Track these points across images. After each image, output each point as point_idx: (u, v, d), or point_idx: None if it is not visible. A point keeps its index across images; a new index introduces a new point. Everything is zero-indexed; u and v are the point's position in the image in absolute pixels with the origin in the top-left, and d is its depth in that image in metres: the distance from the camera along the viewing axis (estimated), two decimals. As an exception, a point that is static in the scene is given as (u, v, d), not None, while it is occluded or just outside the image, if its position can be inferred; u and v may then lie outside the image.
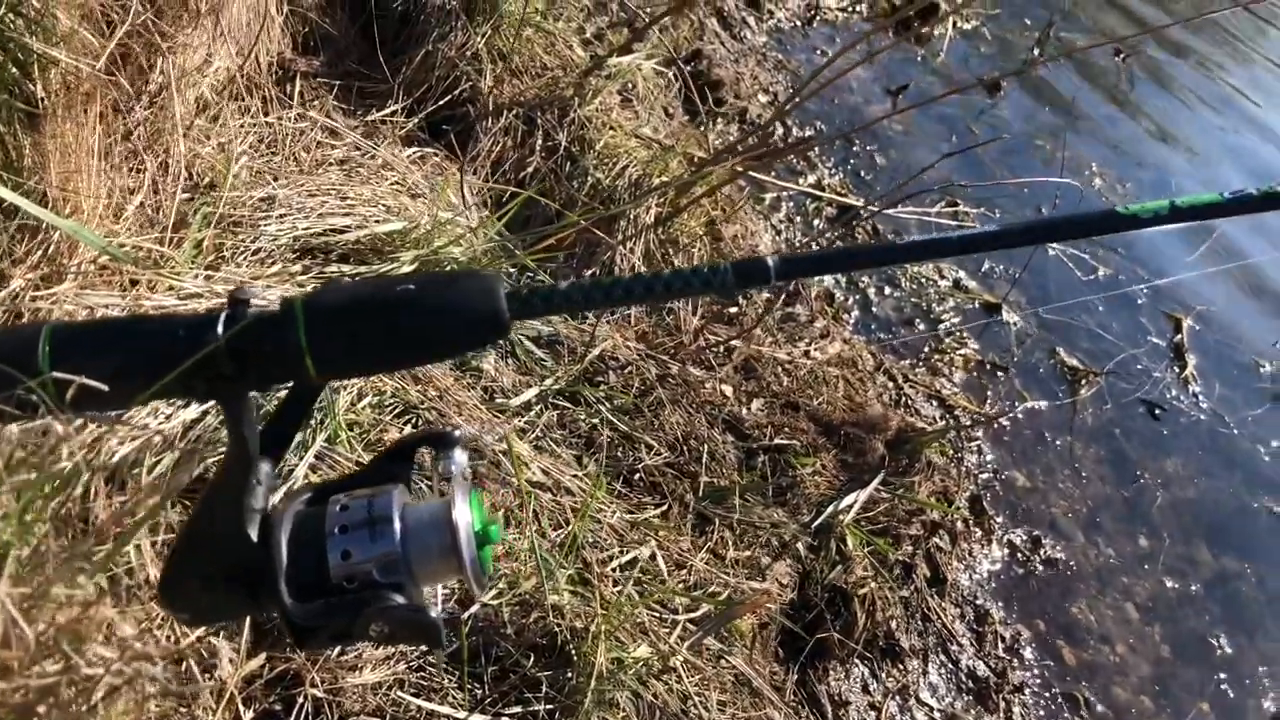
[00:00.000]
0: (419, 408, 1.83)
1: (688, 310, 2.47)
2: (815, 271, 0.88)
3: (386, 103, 2.41)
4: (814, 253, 0.83)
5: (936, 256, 1.40)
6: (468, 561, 0.97)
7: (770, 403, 2.45)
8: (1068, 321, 3.53)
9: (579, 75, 2.52)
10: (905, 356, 3.16)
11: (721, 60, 3.91)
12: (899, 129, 4.24)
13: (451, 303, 0.86)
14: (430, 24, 2.44)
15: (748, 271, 0.87)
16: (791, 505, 2.22)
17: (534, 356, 2.15)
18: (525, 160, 2.44)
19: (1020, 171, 4.17)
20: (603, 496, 1.96)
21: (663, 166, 2.48)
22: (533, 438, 2.01)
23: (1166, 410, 3.35)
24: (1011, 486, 2.91)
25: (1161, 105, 5.22)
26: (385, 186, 2.04)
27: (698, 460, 2.17)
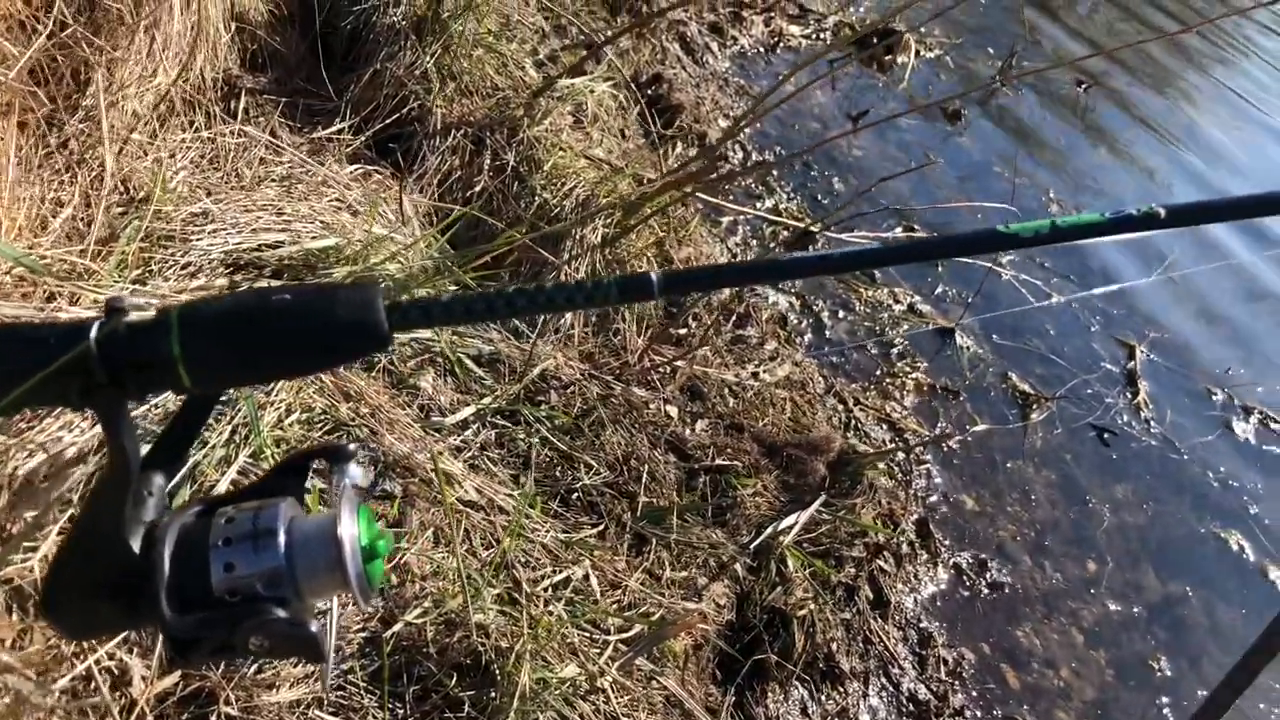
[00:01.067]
0: (349, 424, 1.83)
1: (632, 330, 2.47)
2: (698, 288, 0.89)
3: (334, 120, 2.41)
4: (698, 269, 0.84)
5: (821, 272, 1.40)
6: (353, 576, 0.96)
7: (715, 424, 2.46)
8: (1021, 346, 3.56)
9: (529, 96, 2.53)
10: (857, 379, 3.17)
11: (682, 85, 3.93)
12: (858, 154, 4.28)
13: (328, 314, 0.85)
14: (379, 43, 2.45)
15: (632, 286, 0.87)
16: (731, 526, 2.22)
17: (473, 375, 2.14)
18: (473, 179, 2.45)
19: (977, 196, 4.22)
20: (536, 515, 1.95)
21: (610, 188, 2.49)
22: (468, 456, 2.01)
23: (1117, 435, 3.37)
24: (960, 509, 2.92)
25: (1119, 132, 5.30)
26: (324, 203, 2.04)
27: (637, 480, 2.16)
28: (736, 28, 4.57)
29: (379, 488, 1.82)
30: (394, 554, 1.74)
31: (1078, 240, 0.91)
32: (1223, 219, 0.91)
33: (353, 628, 1.65)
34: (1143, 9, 6.97)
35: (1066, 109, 5.35)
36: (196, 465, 1.59)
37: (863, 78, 4.89)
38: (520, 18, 2.83)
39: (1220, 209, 0.92)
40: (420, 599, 1.70)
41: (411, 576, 1.74)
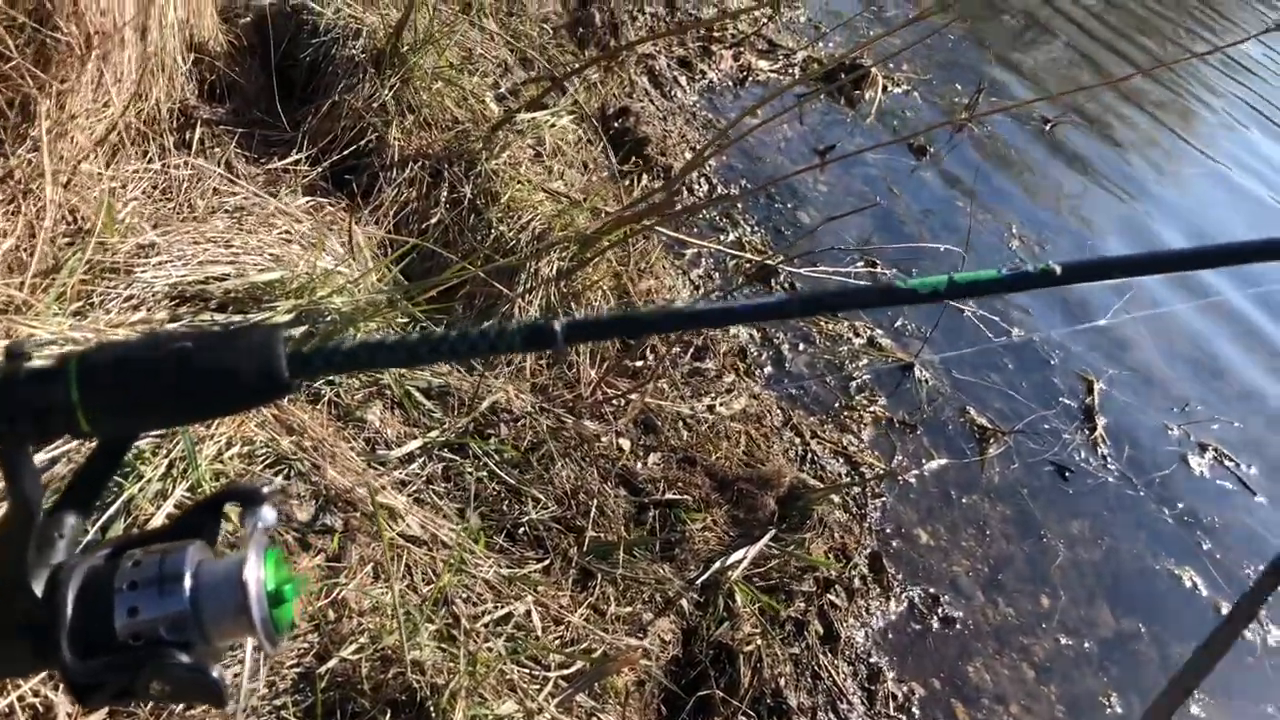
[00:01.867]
0: (291, 458, 1.82)
1: (586, 362, 2.48)
2: (600, 336, 0.90)
3: (290, 151, 2.42)
4: (600, 318, 0.85)
5: (724, 323, 1.42)
6: (258, 620, 0.96)
7: (668, 457, 2.46)
8: (980, 381, 3.59)
9: (488, 129, 2.55)
10: (815, 412, 3.19)
11: (649, 118, 3.97)
12: (824, 189, 4.32)
13: (227, 360, 0.86)
14: (338, 75, 2.46)
15: (535, 335, 0.88)
16: (679, 561, 2.22)
17: (423, 407, 2.15)
18: (429, 211, 2.46)
19: (940, 231, 4.27)
20: (480, 550, 1.95)
21: (567, 221, 2.50)
22: (413, 490, 2.01)
23: (1074, 471, 3.40)
24: (914, 544, 2.93)
25: (1084, 170, 5.37)
26: (274, 235, 2.05)
27: (585, 515, 2.17)
28: (705, 62, 4.62)
29: (319, 522, 1.82)
30: (331, 589, 1.73)
31: (975, 297, 0.93)
32: (1117, 276, 0.94)
33: (286, 663, 1.64)
34: (1103, 54, 7.09)
35: (1033, 146, 5.42)
36: (131, 499, 1.58)
37: (831, 113, 4.94)
38: (483, 51, 2.86)
39: (1115, 266, 0.94)
40: (357, 634, 1.70)
41: (349, 611, 1.74)
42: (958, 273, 0.94)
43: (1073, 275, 0.93)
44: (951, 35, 6.16)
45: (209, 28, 2.42)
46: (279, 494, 1.66)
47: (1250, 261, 0.95)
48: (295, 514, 1.81)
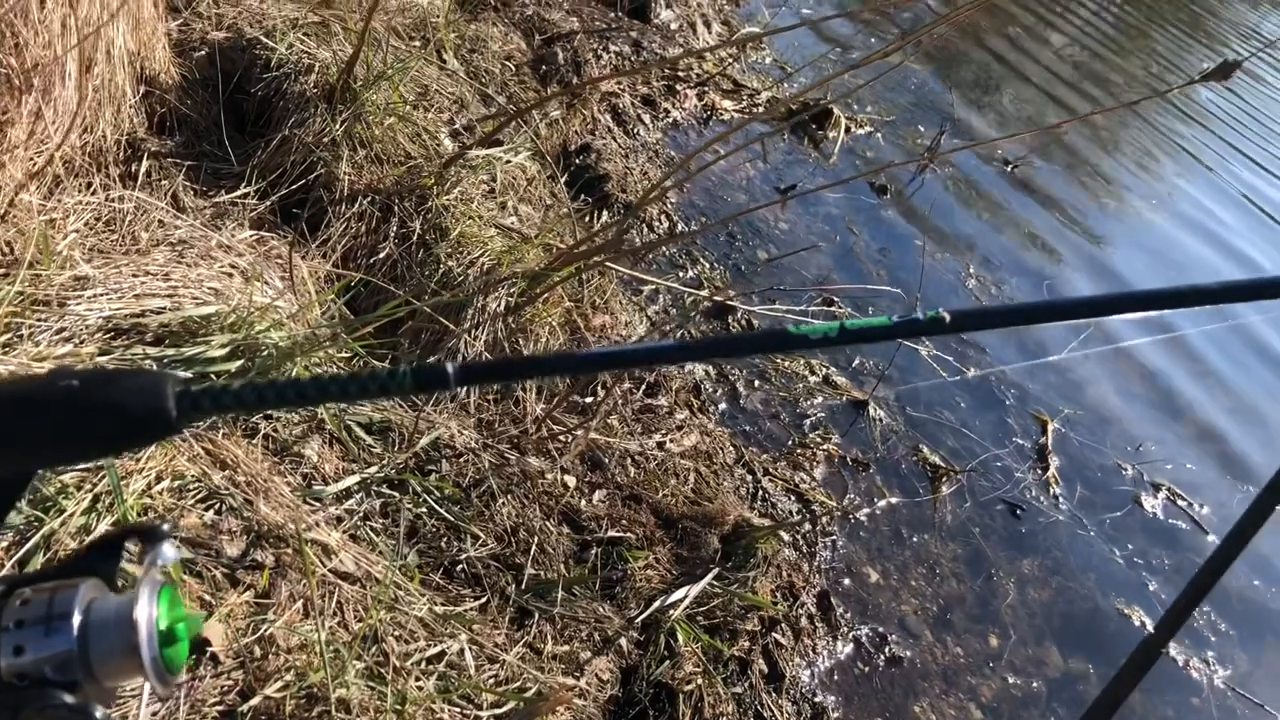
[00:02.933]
0: (222, 493, 1.81)
1: (532, 398, 2.48)
2: (495, 379, 0.91)
3: (239, 185, 2.42)
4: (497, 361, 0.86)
5: (615, 367, 1.43)
6: (147, 660, 0.95)
7: (613, 494, 2.46)
8: (934, 419, 3.61)
9: (440, 165, 2.56)
10: (768, 450, 3.20)
11: (611, 155, 4.00)
12: (784, 227, 4.35)
13: (112, 401, 0.86)
14: (289, 110, 2.47)
15: (427, 377, 0.89)
16: (620, 599, 2.22)
17: (363, 443, 2.14)
18: (378, 246, 2.46)
19: (898, 270, 4.31)
20: (414, 588, 1.94)
21: (516, 257, 2.51)
22: (349, 526, 2.00)
23: (1025, 510, 3.41)
24: (864, 582, 2.93)
25: (1044, 210, 5.44)
26: (215, 269, 2.05)
27: (525, 552, 2.16)
28: (670, 101, 4.66)
29: (249, 558, 1.81)
30: (258, 625, 1.72)
31: (865, 343, 0.94)
32: (1005, 324, 0.95)
33: (209, 701, 1.62)
34: (1073, 98, 7.22)
35: (995, 187, 5.50)
36: (52, 534, 1.57)
37: (794, 154, 5.00)
38: (438, 88, 2.87)
39: (1004, 314, 0.96)
40: (282, 671, 1.68)
41: (276, 648, 1.72)
42: (849, 320, 0.95)
43: (961, 323, 0.95)
44: (915, 79, 6.26)
45: (160, 60, 2.42)
46: (180, 531, 1.64)
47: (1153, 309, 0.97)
48: (225, 549, 1.79)
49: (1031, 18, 8.81)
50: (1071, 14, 9.59)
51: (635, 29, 5.00)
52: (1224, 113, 8.23)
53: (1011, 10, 8.71)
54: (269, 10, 2.74)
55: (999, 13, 8.49)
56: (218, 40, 2.67)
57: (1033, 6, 9.13)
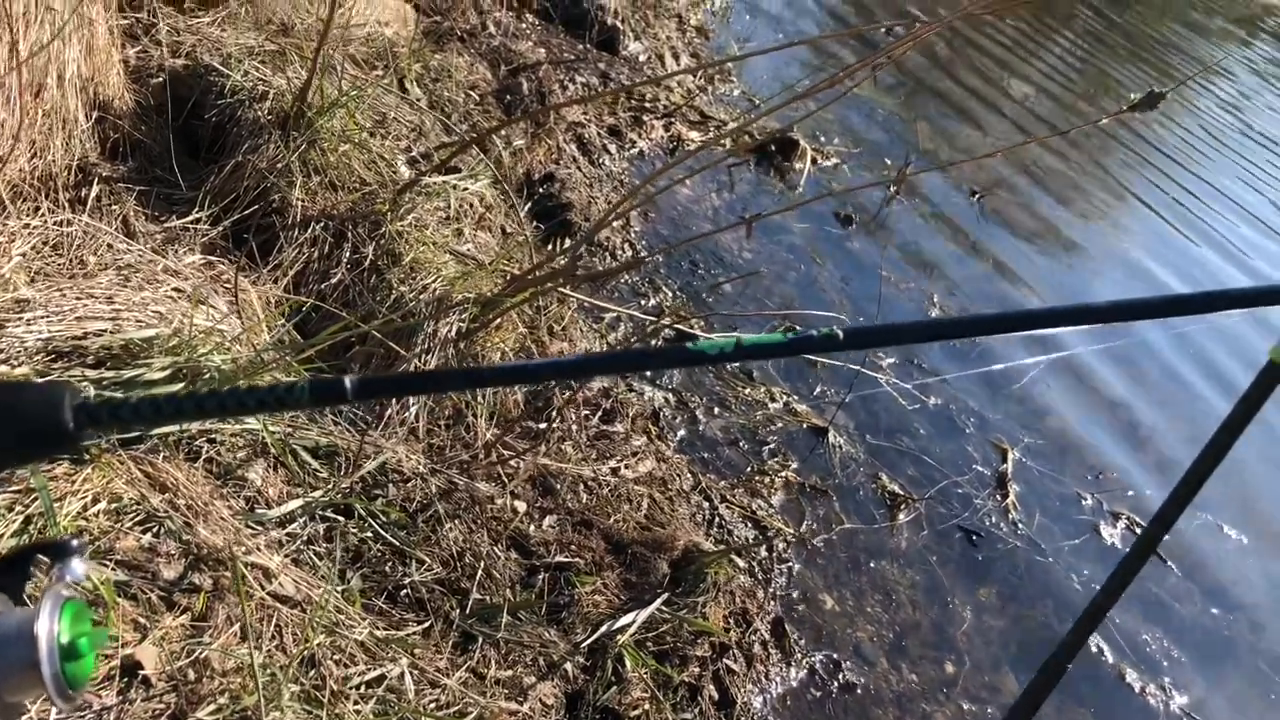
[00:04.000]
0: (160, 515, 1.81)
1: (482, 423, 2.49)
2: (394, 393, 0.92)
3: (191, 210, 2.43)
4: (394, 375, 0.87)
5: (519, 382, 1.45)
6: (47, 676, 0.95)
7: (564, 520, 2.46)
8: (894, 446, 3.63)
9: (394, 191, 2.58)
10: (726, 476, 3.20)
11: (575, 184, 4.03)
12: (748, 256, 4.39)
13: (8, 414, 0.86)
14: (243, 135, 2.49)
15: (324, 390, 0.89)
16: (566, 624, 2.21)
17: (308, 467, 2.14)
18: (330, 271, 2.47)
19: (859, 298, 4.35)
20: (355, 611, 1.93)
21: (469, 283, 2.53)
22: (292, 550, 1.99)
23: (984, 537, 3.43)
24: (819, 609, 2.93)
25: (1007, 239, 5.51)
26: (161, 293, 2.05)
27: (471, 577, 2.16)
28: (636, 131, 4.71)
29: (187, 580, 1.80)
30: (193, 649, 1.71)
31: (761, 359, 0.96)
32: (897, 342, 0.97)
33: (138, 726, 1.61)
34: (1037, 127, 7.32)
35: (960, 217, 5.56)
36: (-19, 555, 1.55)
37: (761, 184, 5.05)
38: (396, 116, 2.90)
39: (896, 331, 0.98)
40: (216, 695, 1.67)
41: (210, 672, 1.71)
42: (746, 336, 0.97)
43: (855, 340, 0.97)
44: (882, 112, 6.34)
45: (114, 86, 2.44)
46: (89, 547, 1.63)
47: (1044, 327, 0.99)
48: (162, 572, 1.79)
49: (1002, 50, 8.95)
50: (1045, 50, 9.75)
51: (603, 61, 5.06)
52: (1201, 142, 8.37)
53: (982, 45, 8.85)
54: (227, 38, 2.76)
55: (969, 47, 8.64)
56: (175, 67, 2.69)
57: (1003, 42, 9.27)
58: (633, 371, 1.92)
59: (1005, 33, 9.61)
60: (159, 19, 2.88)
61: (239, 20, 2.93)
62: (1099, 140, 7.60)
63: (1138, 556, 1.23)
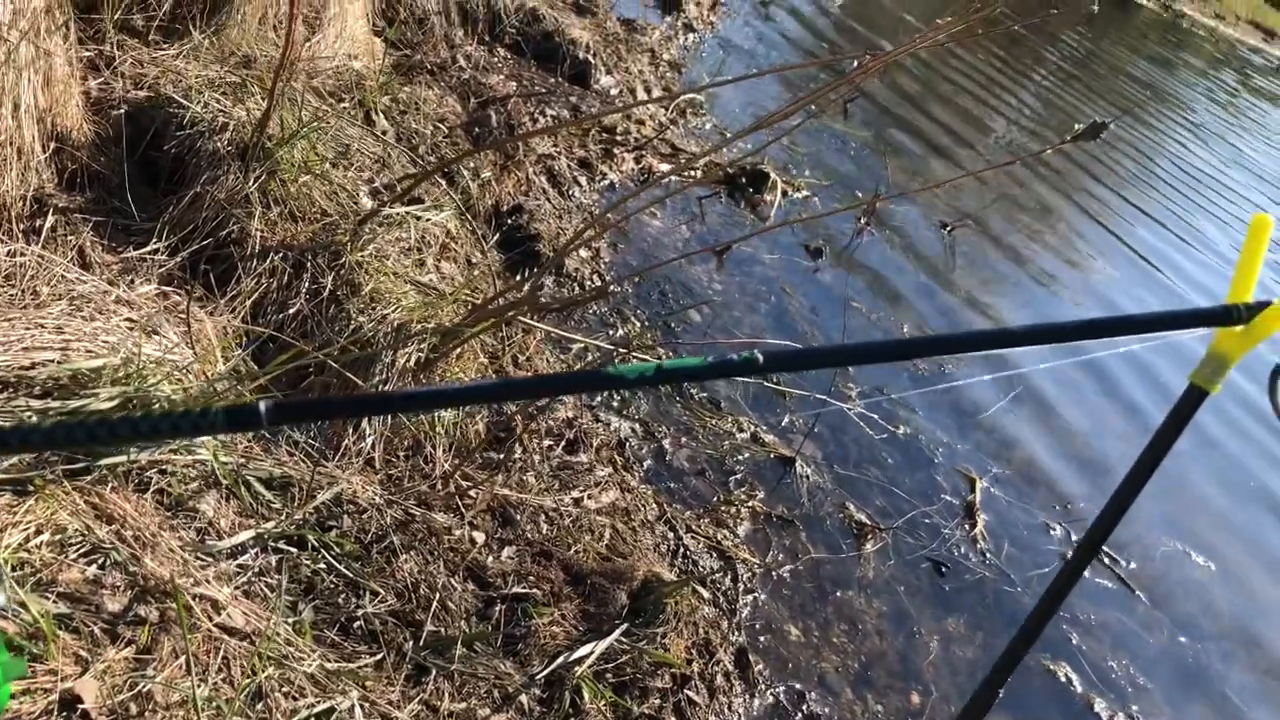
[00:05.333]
0: (106, 547, 1.79)
1: (440, 454, 2.48)
2: (310, 417, 0.91)
3: (150, 241, 2.43)
4: (310, 400, 0.86)
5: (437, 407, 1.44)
6: (-43, 705, 0.94)
7: (523, 550, 2.45)
8: (861, 477, 3.63)
9: (355, 222, 2.58)
10: (693, 507, 3.19)
11: (544, 215, 4.04)
12: (718, 287, 4.41)
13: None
14: (202, 166, 2.49)
15: (239, 415, 0.89)
16: (523, 656, 2.19)
17: (262, 498, 2.12)
18: (288, 302, 2.47)
19: (828, 328, 4.37)
20: (305, 644, 1.91)
21: (429, 313, 2.53)
22: (243, 582, 1.97)
23: (951, 567, 3.43)
24: (784, 639, 2.92)
25: (975, 271, 5.55)
26: (113, 323, 2.04)
27: (426, 609, 2.14)
28: (607, 164, 4.73)
29: (132, 613, 1.78)
30: (136, 682, 1.68)
31: (681, 382, 0.96)
32: (816, 366, 0.98)
33: (76, 761, 1.58)
34: (1017, 168, 7.41)
35: (931, 249, 5.60)
36: (-84, 587, 1.53)
37: (732, 215, 5.08)
38: (360, 147, 2.91)
39: (815, 356, 0.98)
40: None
41: (153, 705, 1.68)
42: (666, 360, 0.97)
43: (774, 365, 0.97)
44: (854, 145, 6.41)
45: (73, 118, 2.44)
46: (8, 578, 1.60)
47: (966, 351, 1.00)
48: (106, 605, 1.76)
49: (975, 86, 9.07)
50: (1019, 87, 9.89)
51: (575, 94, 5.10)
52: (1178, 171, 8.48)
53: (956, 80, 8.97)
54: (189, 70, 2.77)
55: (943, 82, 8.75)
56: (137, 98, 2.70)
57: (976, 79, 9.40)
58: (557, 395, 1.92)
59: (980, 69, 9.75)
60: (123, 51, 2.89)
61: (203, 52, 2.94)
62: (1073, 173, 7.69)
63: (1067, 579, 1.23)
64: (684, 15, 6.98)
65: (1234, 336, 1.02)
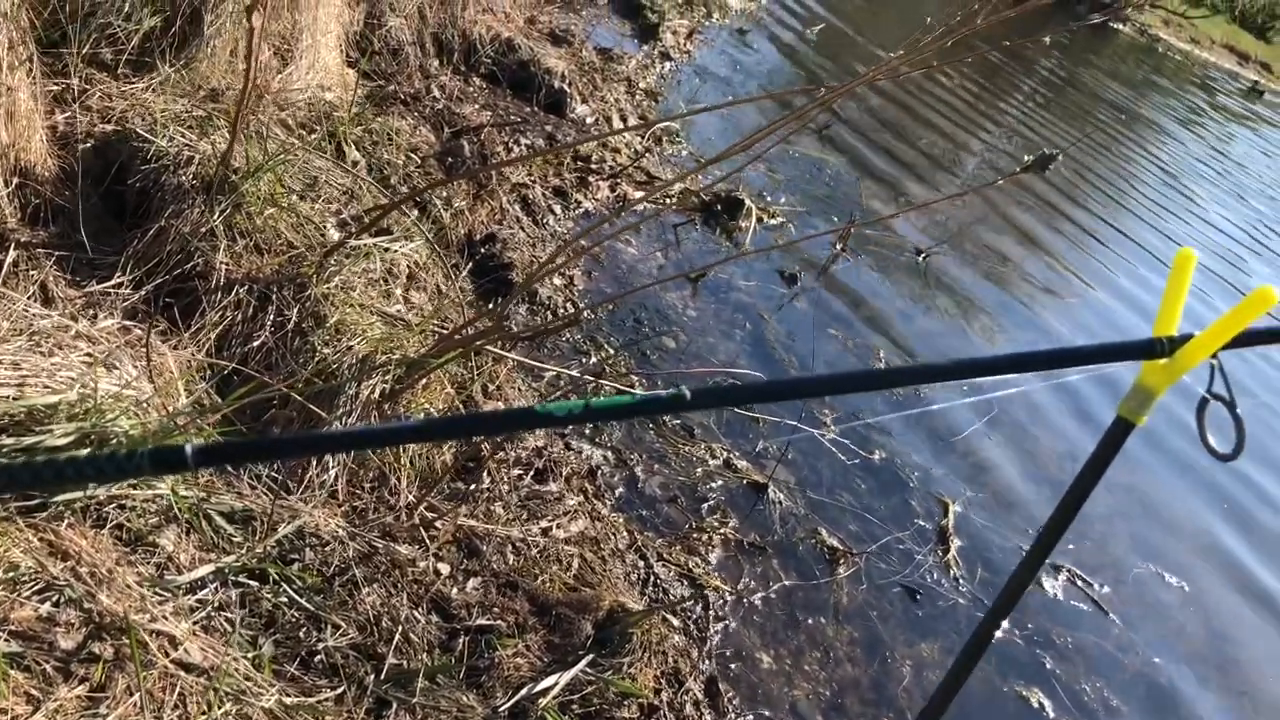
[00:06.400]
0: (60, 584, 1.78)
1: (404, 485, 2.48)
2: (237, 460, 0.92)
3: (114, 275, 2.43)
4: (239, 441, 0.87)
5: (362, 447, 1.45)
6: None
7: (488, 582, 2.44)
8: (834, 502, 3.64)
9: (321, 254, 2.59)
10: (664, 534, 3.19)
11: (518, 244, 4.06)
12: (693, 314, 4.42)
13: None
14: (166, 200, 2.50)
15: (164, 458, 0.90)
16: (486, 688, 2.18)
17: (223, 532, 2.11)
18: (253, 334, 2.47)
19: (805, 354, 4.38)
20: (263, 679, 1.90)
21: (394, 344, 2.53)
22: (202, 617, 1.96)
23: (924, 593, 3.43)
24: (755, 667, 2.91)
25: (951, 296, 5.59)
26: (73, 358, 2.04)
27: (388, 641, 2.13)
28: (582, 192, 4.76)
29: (86, 650, 1.77)
30: (88, 722, 1.67)
31: (610, 420, 0.97)
32: (743, 402, 0.99)
33: (25, 803, 1.57)
34: (994, 194, 7.46)
35: (905, 275, 5.64)
36: None
37: (708, 242, 5.10)
38: (328, 179, 2.92)
39: (742, 392, 0.99)
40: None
41: (105, 745, 1.67)
42: (595, 398, 0.98)
43: (701, 401, 0.98)
44: (830, 171, 6.46)
45: (37, 152, 2.45)
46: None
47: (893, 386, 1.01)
48: (59, 642, 1.75)
49: (953, 113, 9.16)
50: (998, 112, 9.99)
51: (550, 123, 5.13)
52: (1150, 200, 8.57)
53: (934, 106, 9.06)
54: (157, 104, 2.78)
55: (922, 107, 8.83)
56: (104, 132, 2.71)
57: (955, 105, 9.49)
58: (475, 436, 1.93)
59: (958, 95, 9.85)
60: (91, 85, 2.90)
61: (172, 86, 2.96)
62: (1051, 196, 7.76)
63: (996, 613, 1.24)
64: (661, 44, 7.03)
65: (1158, 369, 1.03)
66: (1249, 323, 0.94)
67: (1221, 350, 0.99)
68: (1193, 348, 0.99)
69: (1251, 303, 0.94)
